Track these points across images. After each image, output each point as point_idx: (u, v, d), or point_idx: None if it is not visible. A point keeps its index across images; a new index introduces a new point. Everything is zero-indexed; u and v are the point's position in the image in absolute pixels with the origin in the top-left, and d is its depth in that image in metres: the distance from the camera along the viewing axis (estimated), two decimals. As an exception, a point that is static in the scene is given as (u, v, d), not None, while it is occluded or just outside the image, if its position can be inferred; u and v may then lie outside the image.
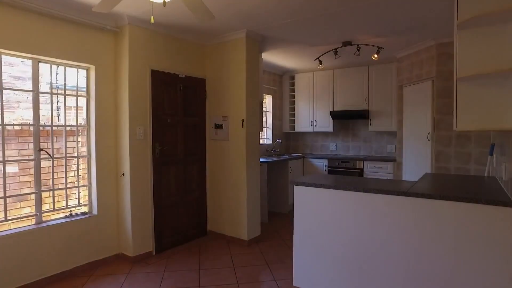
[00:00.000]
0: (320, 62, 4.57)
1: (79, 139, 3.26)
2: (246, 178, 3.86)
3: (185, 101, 3.90)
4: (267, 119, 6.16)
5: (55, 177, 3.03)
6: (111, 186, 3.42)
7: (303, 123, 6.16)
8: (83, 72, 3.27)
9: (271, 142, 6.15)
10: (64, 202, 3.11)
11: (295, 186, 2.79)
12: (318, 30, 3.74)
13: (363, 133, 5.82)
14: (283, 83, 6.43)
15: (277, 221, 4.94)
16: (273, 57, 5.16)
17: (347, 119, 5.77)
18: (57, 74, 3.06)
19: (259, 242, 4.02)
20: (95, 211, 3.30)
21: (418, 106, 4.45)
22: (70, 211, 3.14)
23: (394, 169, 4.94)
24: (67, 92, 3.15)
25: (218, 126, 4.08)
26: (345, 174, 5.38)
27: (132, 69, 3.33)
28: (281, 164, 5.40)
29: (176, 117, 3.80)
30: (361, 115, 5.39)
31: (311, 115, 6.04)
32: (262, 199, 4.57)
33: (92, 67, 3.27)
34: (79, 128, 3.25)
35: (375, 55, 4.10)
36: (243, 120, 3.85)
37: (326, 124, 5.87)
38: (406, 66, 4.66)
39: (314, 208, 2.69)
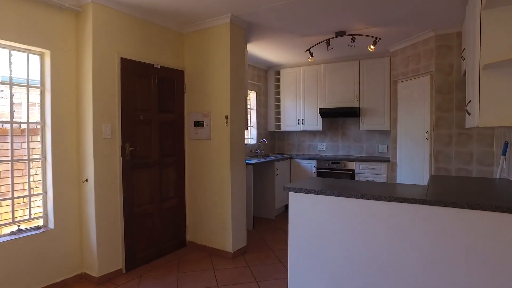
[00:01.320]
0: (311, 54, 4.20)
1: (31, 139, 2.72)
2: (230, 182, 3.42)
3: (160, 95, 3.42)
4: (251, 117, 5.73)
5: (-1, 184, 2.49)
6: (72, 194, 2.90)
7: (289, 122, 5.78)
8: (35, 59, 2.73)
9: (255, 142, 5.73)
10: (11, 214, 2.56)
11: (290, 193, 2.38)
12: (309, 17, 3.36)
13: (353, 132, 5.50)
14: (268, 78, 6.03)
15: (263, 228, 4.53)
16: (258, 50, 4.75)
17: (337, 117, 5.43)
18: None
19: (246, 253, 3.59)
20: (51, 225, 2.77)
21: (414, 102, 4.16)
22: (18, 226, 2.59)
23: (388, 170, 4.64)
24: (15, 82, 2.60)
25: (198, 124, 3.62)
26: (335, 176, 5.04)
27: (97, 56, 2.83)
28: (267, 165, 5.00)
29: (150, 113, 3.31)
30: (352, 113, 5.06)
31: (298, 113, 5.67)
32: (248, 204, 4.15)
33: (47, 53, 2.74)
34: (31, 126, 2.71)
35: (372, 46, 3.76)
36: (227, 117, 3.41)
37: (315, 122, 5.51)
38: (401, 60, 4.36)
39: (314, 219, 2.28)
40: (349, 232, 2.14)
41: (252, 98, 5.71)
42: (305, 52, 4.29)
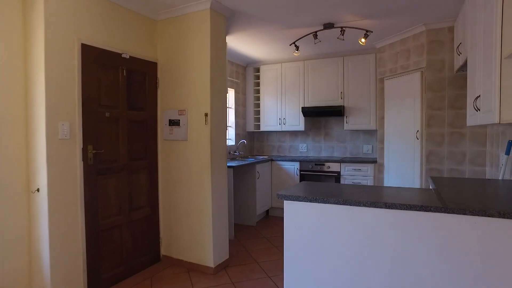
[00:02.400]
0: (297, 48, 3.90)
1: (-34, 139, 2.21)
2: (211, 187, 3.04)
3: (130, 89, 2.97)
4: (229, 117, 5.36)
5: None
6: (18, 207, 2.39)
7: (269, 121, 5.46)
8: (-29, 41, 2.22)
9: (234, 143, 5.36)
10: None
11: (286, 202, 2.04)
12: (298, 4, 3.05)
13: (336, 132, 5.28)
14: (246, 75, 5.68)
15: (245, 237, 4.16)
16: (237, 43, 4.39)
17: (320, 117, 5.18)
18: None
19: (228, 267, 3.21)
20: (-8, 246, 2.26)
21: (403, 100, 3.97)
22: None
23: (375, 172, 4.44)
24: None
25: (173, 123, 3.20)
26: (320, 178, 4.78)
27: (51, 41, 2.35)
28: (247, 168, 4.64)
29: (117, 110, 2.85)
30: (337, 112, 4.82)
31: (279, 112, 5.36)
32: (229, 211, 3.77)
33: (-14, 34, 2.23)
34: (-35, 124, 2.20)
35: (363, 40, 3.52)
36: (206, 115, 3.03)
37: (296, 122, 5.23)
38: (389, 56, 4.17)
39: (316, 231, 1.96)
40: (358, 245, 1.84)
41: (230, 96, 5.34)
42: (290, 45, 3.98)
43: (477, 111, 2.31)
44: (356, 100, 4.76)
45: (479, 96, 2.25)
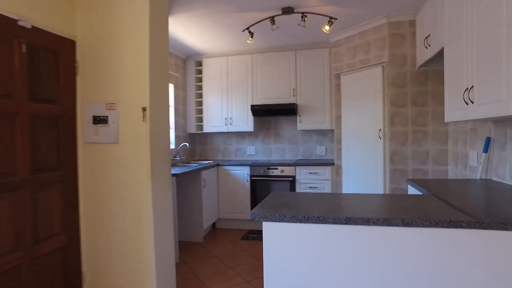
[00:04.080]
0: (251, 35, 3.39)
1: None
2: (152, 202, 2.35)
3: (33, 73, 2.13)
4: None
5: None
6: None
7: (214, 122, 4.86)
8: None
9: (173, 147, 4.64)
10: None
11: (265, 224, 1.49)
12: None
13: (288, 133, 4.89)
14: (187, 70, 5.00)
15: (192, 258, 3.50)
16: (177, 28, 3.73)
17: (271, 116, 4.74)
18: None
19: (177, 303, 2.54)
20: None
21: (363, 97, 3.72)
22: None
23: (333, 175, 4.13)
24: None
25: (100, 120, 2.43)
26: (273, 184, 4.33)
27: None
28: (192, 176, 3.98)
29: (12, 101, 2.00)
30: (289, 110, 4.43)
31: (225, 111, 4.80)
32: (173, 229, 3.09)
33: None
34: None
35: (327, 27, 3.16)
36: (144, 109, 2.34)
37: (245, 121, 4.72)
38: (347, 50, 3.90)
39: (310, 261, 1.45)
40: (372, 276, 1.38)
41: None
42: (243, 31, 3.45)
43: (467, 104, 2.05)
44: (310, 97, 4.42)
45: (472, 87, 1.98)
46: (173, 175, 3.40)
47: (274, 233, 1.48)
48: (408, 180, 2.45)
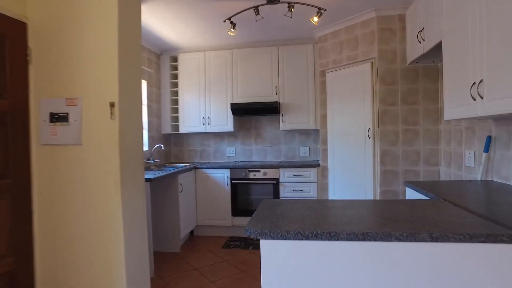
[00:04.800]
0: (233, 26, 3.10)
1: None
2: (122, 213, 2.01)
3: (-29, 60, 1.74)
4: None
5: None
6: None
7: (191, 121, 4.53)
8: None
9: (147, 148, 4.27)
10: None
11: (264, 242, 1.22)
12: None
13: (269, 133, 4.65)
14: (161, 65, 4.64)
15: (169, 271, 3.16)
16: (150, 19, 3.39)
17: (252, 115, 4.47)
18: None
19: (152, 328, 2.21)
20: None
21: (351, 95, 3.54)
22: None
23: (319, 177, 3.93)
24: None
25: (58, 118, 2.06)
26: (255, 187, 4.06)
27: None
28: (167, 180, 3.64)
29: None
30: (272, 109, 4.18)
31: (203, 110, 4.48)
32: (148, 240, 2.75)
33: None
34: None
35: (315, 18, 2.93)
36: (113, 105, 2.00)
37: (224, 121, 4.42)
38: (333, 46, 3.71)
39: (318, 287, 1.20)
40: (394, 308, 1.14)
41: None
42: (225, 21, 3.16)
43: (474, 100, 1.88)
44: (293, 95, 4.20)
45: (481, 81, 1.81)
46: (147, 180, 3.05)
47: (275, 253, 1.22)
48: (407, 182, 2.26)
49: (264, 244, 1.22)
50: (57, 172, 2.07)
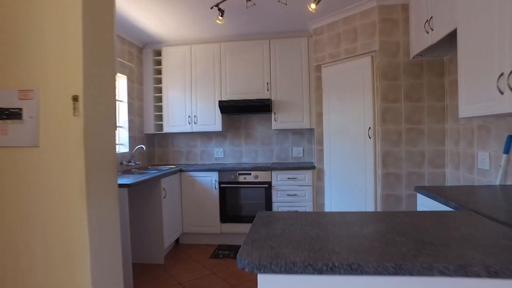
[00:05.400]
0: (221, 13, 2.79)
1: None
2: (87, 227, 1.68)
3: None
4: (120, 114, 3.89)
5: None
6: None
7: (176, 120, 4.19)
8: None
9: (127, 150, 3.91)
10: None
11: (262, 277, 0.92)
12: None
13: (261, 133, 4.35)
14: (144, 60, 4.29)
15: (151, 286, 2.82)
16: (130, 7, 3.04)
17: (242, 113, 4.16)
18: None
19: None
20: None
21: (349, 92, 3.27)
22: None
23: (314, 180, 3.65)
24: None
25: (9, 115, 1.72)
26: (246, 191, 3.76)
27: None
28: (149, 185, 3.31)
29: None
30: (263, 107, 3.88)
31: (189, 108, 4.15)
32: (124, 251, 2.43)
33: None
34: None
35: (313, 6, 2.65)
36: (75, 99, 1.67)
37: (212, 120, 4.10)
38: (329, 39, 3.44)
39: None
40: None
41: (121, 85, 3.88)
42: (211, 8, 2.84)
43: (502, 93, 1.62)
44: (286, 92, 3.91)
45: (511, 72, 1.55)
46: (125, 185, 2.71)
47: (276, 291, 0.91)
48: (418, 188, 1.99)
49: (263, 280, 0.92)
50: (7, 181, 1.72)
